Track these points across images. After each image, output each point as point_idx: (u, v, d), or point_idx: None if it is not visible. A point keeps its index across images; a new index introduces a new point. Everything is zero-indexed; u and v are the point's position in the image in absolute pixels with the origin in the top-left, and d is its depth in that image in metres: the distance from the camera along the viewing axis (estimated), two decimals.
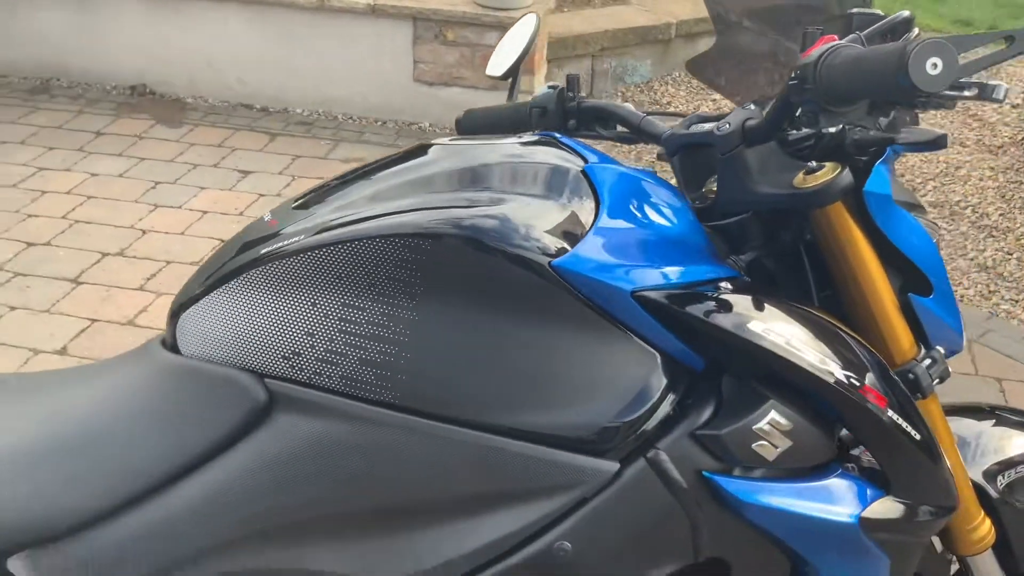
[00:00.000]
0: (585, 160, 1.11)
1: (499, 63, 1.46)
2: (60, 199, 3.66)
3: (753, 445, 1.03)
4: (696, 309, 1.03)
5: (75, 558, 0.97)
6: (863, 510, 1.10)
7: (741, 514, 1.04)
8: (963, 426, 1.47)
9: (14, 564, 0.96)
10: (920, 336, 1.25)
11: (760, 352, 1.03)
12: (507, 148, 1.12)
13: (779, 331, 1.05)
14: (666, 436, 1.03)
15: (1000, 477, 1.41)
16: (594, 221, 1.04)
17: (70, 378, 1.12)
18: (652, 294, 1.01)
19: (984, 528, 1.35)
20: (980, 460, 1.42)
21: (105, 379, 1.09)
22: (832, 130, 1.07)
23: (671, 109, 4.64)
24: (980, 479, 1.39)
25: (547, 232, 1.01)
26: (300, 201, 1.13)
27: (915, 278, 1.23)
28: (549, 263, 0.99)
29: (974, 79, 0.97)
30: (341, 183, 1.13)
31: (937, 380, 1.24)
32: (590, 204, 1.06)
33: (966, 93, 0.96)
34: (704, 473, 1.03)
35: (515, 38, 1.47)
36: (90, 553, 0.98)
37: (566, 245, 1.01)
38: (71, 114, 4.39)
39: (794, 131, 1.13)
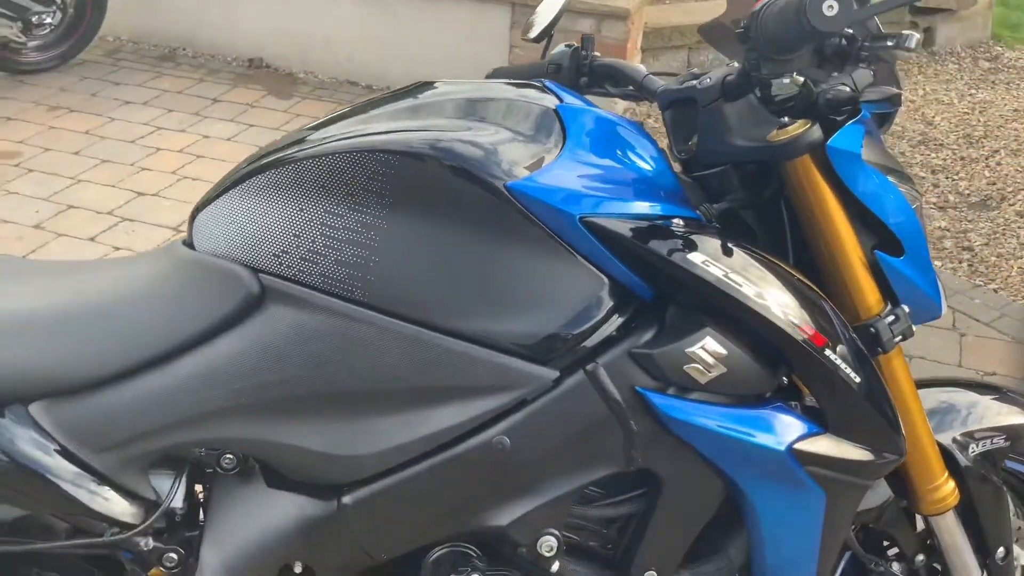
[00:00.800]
0: (561, 101, 1.21)
1: (535, 27, 1.58)
2: (172, 156, 3.96)
3: (685, 367, 1.12)
4: (640, 238, 1.12)
5: (85, 411, 1.14)
6: (795, 441, 1.17)
7: (669, 429, 1.13)
8: (939, 395, 1.51)
9: (35, 409, 1.14)
10: (889, 296, 1.30)
11: (696, 282, 1.11)
12: (493, 89, 1.24)
13: (721, 265, 1.13)
14: (606, 353, 1.13)
15: (973, 445, 1.44)
16: (558, 154, 1.15)
17: (99, 265, 1.30)
18: (600, 221, 1.11)
19: (946, 490, 1.39)
20: (951, 427, 1.45)
21: (128, 268, 1.27)
22: (793, 82, 1.14)
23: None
24: (949, 444, 1.42)
25: (509, 158, 1.12)
26: (311, 124, 1.27)
27: (888, 239, 1.29)
28: (505, 184, 1.10)
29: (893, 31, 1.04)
30: (348, 111, 1.26)
31: (899, 337, 1.29)
32: (557, 139, 1.16)
33: (888, 43, 1.02)
34: (638, 388, 1.12)
35: (551, 4, 1.58)
36: (99, 408, 1.14)
37: (525, 171, 1.12)
38: (192, 81, 4.72)
39: (777, 91, 1.21)
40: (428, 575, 1.17)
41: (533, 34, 1.57)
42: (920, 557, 1.45)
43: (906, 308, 1.29)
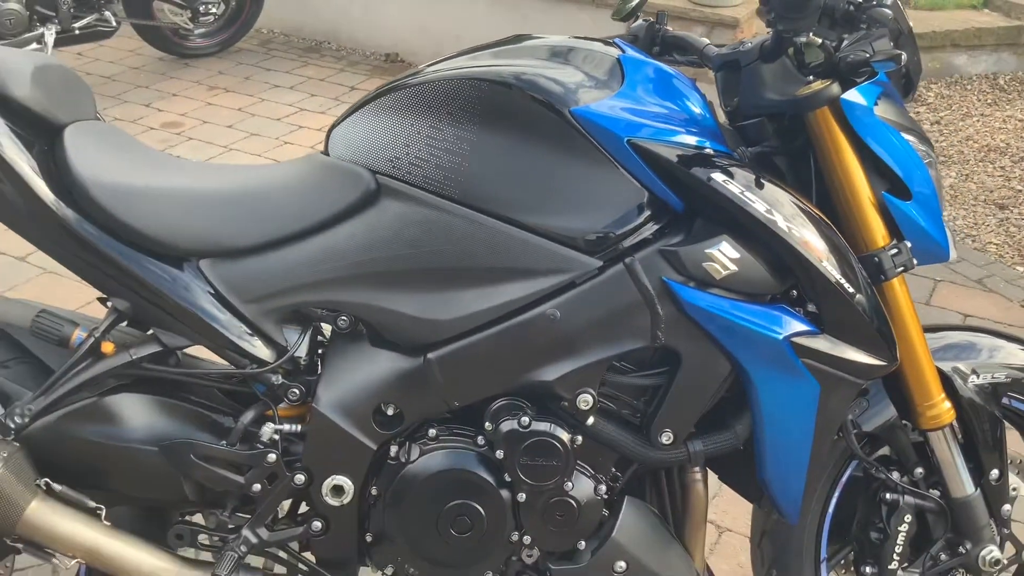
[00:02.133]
0: (624, 52, 1.51)
1: (624, 10, 1.87)
2: (311, 134, 4.42)
3: (704, 264, 1.40)
4: (675, 159, 1.40)
5: (239, 270, 1.48)
6: (793, 335, 1.42)
7: (688, 314, 1.40)
8: (962, 336, 1.73)
9: (204, 265, 1.48)
10: (896, 233, 1.54)
11: (715, 195, 1.38)
12: (572, 41, 1.54)
13: (739, 185, 1.39)
14: (641, 250, 1.41)
15: (973, 376, 1.65)
16: (616, 91, 1.44)
17: (255, 166, 1.65)
18: (643, 143, 1.40)
19: (940, 409, 1.60)
20: (957, 358, 1.66)
21: (277, 168, 1.62)
22: (811, 43, 1.40)
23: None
24: (949, 371, 1.63)
25: (575, 91, 1.42)
26: (432, 62, 1.59)
27: (898, 185, 1.53)
28: (569, 109, 1.40)
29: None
30: (458, 53, 1.58)
31: (901, 268, 1.53)
32: (617, 80, 1.45)
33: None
34: (665, 279, 1.40)
35: None
36: (250, 269, 1.48)
37: (587, 101, 1.41)
38: (334, 71, 5.20)
39: (805, 54, 1.47)
40: (490, 419, 1.47)
41: (621, 15, 1.87)
42: (919, 470, 1.67)
43: (908, 244, 1.53)
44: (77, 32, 4.53)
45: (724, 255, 1.40)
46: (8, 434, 1.44)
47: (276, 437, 1.50)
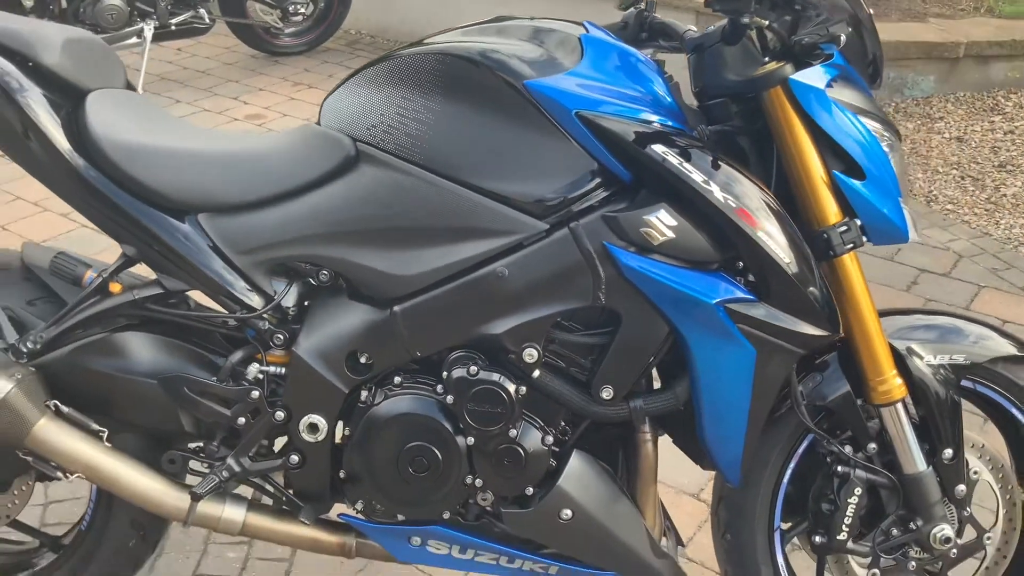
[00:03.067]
0: (587, 32, 1.62)
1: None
2: None
3: (641, 229, 1.49)
4: (619, 130, 1.50)
5: (233, 224, 1.65)
6: (726, 301, 1.50)
7: (626, 277, 1.50)
8: (926, 319, 1.77)
9: (202, 218, 1.65)
10: (850, 214, 1.60)
11: (654, 164, 1.48)
12: (541, 22, 1.66)
13: (678, 156, 1.48)
14: (586, 216, 1.52)
15: (929, 356, 1.68)
16: (571, 68, 1.55)
17: (252, 134, 1.82)
18: (591, 116, 1.50)
19: (891, 384, 1.65)
20: (913, 339, 1.70)
21: (274, 136, 1.78)
22: (753, 23, 1.48)
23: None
24: (903, 350, 1.68)
25: (531, 65, 1.54)
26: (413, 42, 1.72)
27: (854, 166, 1.59)
28: (523, 83, 1.52)
29: None
30: (440, 32, 1.71)
31: (850, 245, 1.59)
32: (575, 58, 1.57)
33: None
34: (605, 243, 1.50)
35: None
36: (242, 224, 1.65)
37: (541, 75, 1.53)
38: None
39: (773, 42, 1.56)
40: (445, 369, 1.60)
41: (624, 5, 1.97)
42: (872, 446, 1.71)
43: (858, 222, 1.59)
44: (173, 28, 4.87)
45: (661, 222, 1.49)
46: (21, 358, 1.64)
47: (261, 377, 1.67)
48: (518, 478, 1.63)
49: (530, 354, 1.56)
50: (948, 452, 1.70)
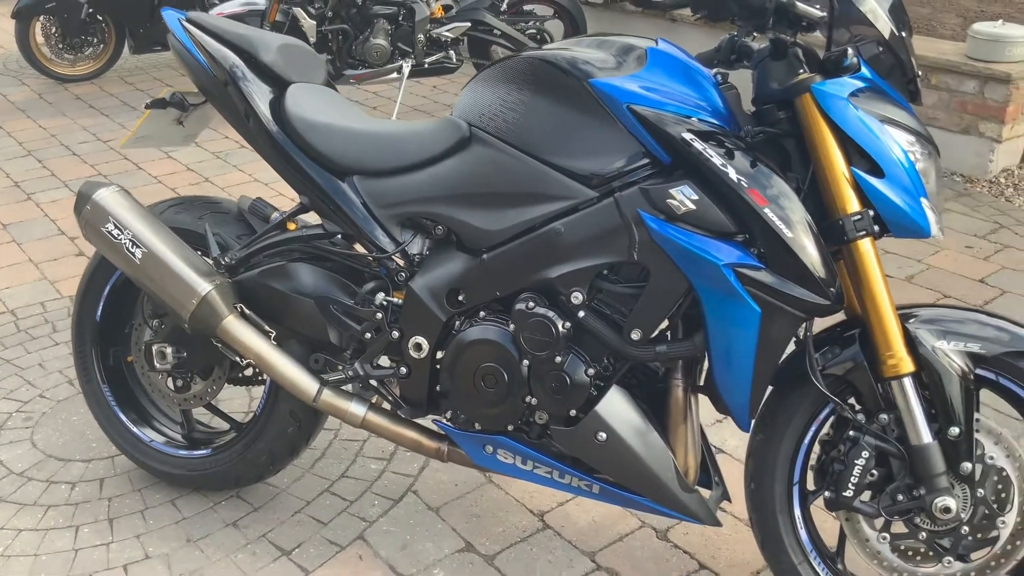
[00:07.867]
0: (655, 45, 1.99)
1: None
2: None
3: (667, 200, 1.84)
4: (658, 120, 1.86)
5: (377, 185, 2.17)
6: (734, 264, 1.81)
7: (652, 238, 1.85)
8: (955, 312, 1.95)
9: (356, 180, 2.19)
10: (867, 207, 1.85)
11: (684, 149, 1.83)
12: (620, 38, 2.05)
13: (705, 143, 1.82)
14: (628, 188, 1.89)
15: (943, 342, 1.88)
16: (632, 72, 1.93)
17: (402, 121, 2.34)
18: (640, 109, 1.88)
19: (899, 359, 1.86)
20: (932, 325, 1.90)
21: (414, 122, 2.30)
22: (764, 39, 1.81)
23: None
24: (915, 332, 1.88)
25: (599, 69, 1.94)
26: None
27: (876, 166, 1.85)
28: (589, 81, 1.92)
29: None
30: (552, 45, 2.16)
31: (862, 232, 1.84)
32: (638, 65, 1.95)
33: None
34: (639, 210, 1.87)
35: None
36: (383, 185, 2.16)
37: (605, 76, 1.92)
38: None
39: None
40: (518, 305, 2.02)
41: (642, 5, 2.33)
42: (884, 416, 1.92)
43: (871, 213, 1.84)
44: (427, 66, 5.64)
45: (685, 196, 1.84)
46: (220, 269, 2.26)
47: (385, 304, 2.17)
48: (563, 400, 2.01)
49: (576, 297, 1.95)
50: (955, 430, 1.87)
